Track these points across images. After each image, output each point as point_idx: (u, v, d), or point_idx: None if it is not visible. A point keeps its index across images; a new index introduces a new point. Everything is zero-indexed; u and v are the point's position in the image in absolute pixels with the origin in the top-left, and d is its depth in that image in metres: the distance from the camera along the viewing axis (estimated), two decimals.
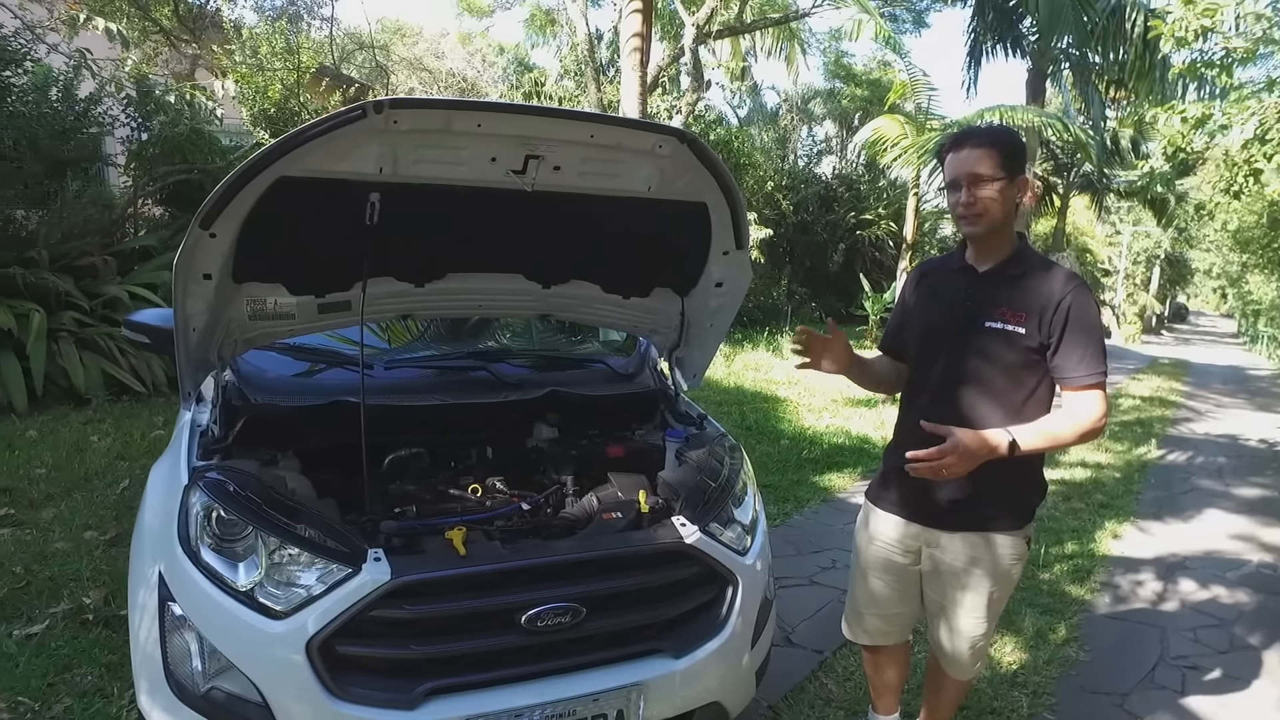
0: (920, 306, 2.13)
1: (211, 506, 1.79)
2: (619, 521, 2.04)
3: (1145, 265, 33.24)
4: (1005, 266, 1.96)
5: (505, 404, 2.47)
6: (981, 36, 12.45)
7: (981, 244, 1.98)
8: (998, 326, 1.92)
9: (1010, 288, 1.94)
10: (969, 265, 2.02)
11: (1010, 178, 1.89)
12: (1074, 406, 1.90)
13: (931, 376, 2.03)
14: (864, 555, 2.21)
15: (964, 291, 1.99)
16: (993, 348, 1.93)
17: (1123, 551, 4.70)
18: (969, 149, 1.88)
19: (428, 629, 1.73)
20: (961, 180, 1.89)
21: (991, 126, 2.01)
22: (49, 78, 6.93)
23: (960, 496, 1.96)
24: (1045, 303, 1.88)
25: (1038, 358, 1.91)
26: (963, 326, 1.97)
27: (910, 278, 2.26)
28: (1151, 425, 9.11)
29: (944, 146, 1.97)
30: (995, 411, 1.92)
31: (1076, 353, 1.87)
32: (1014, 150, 1.91)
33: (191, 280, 1.89)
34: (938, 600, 2.11)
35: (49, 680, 2.62)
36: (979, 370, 1.95)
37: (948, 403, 1.97)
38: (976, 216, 1.90)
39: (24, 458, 4.65)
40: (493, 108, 1.81)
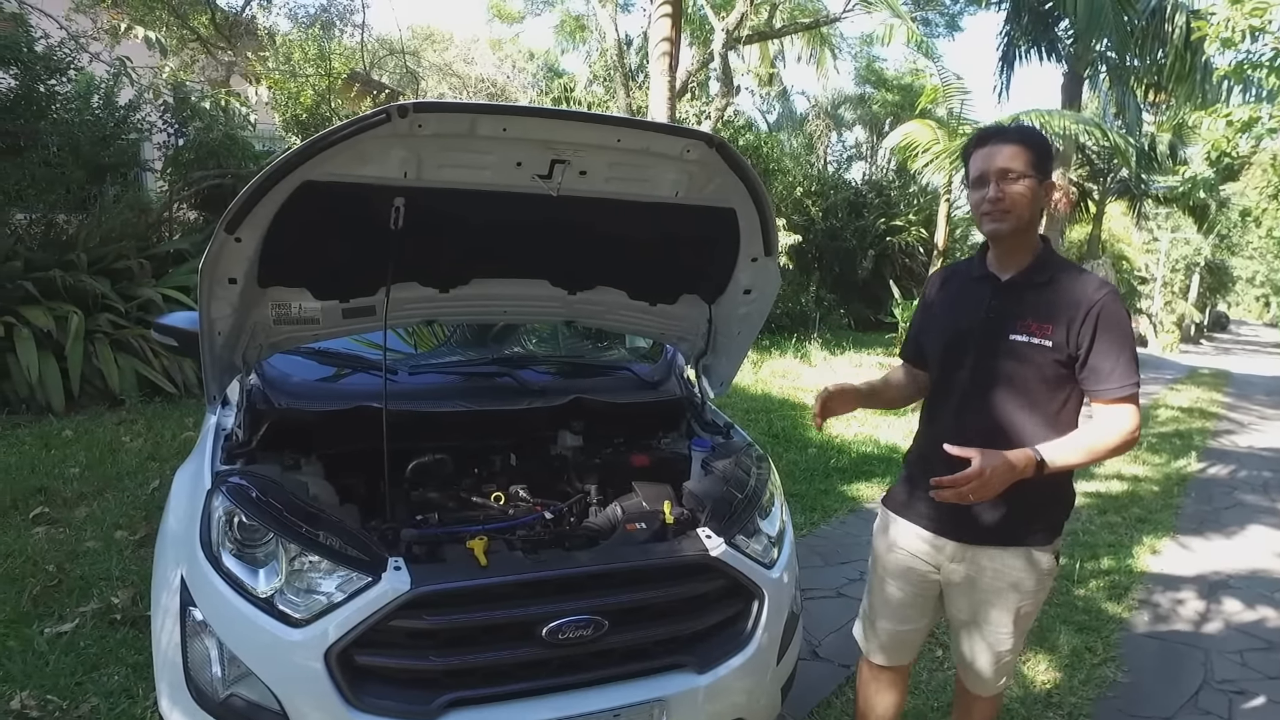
0: (941, 315, 2.04)
1: (233, 511, 1.78)
2: (643, 532, 2.00)
3: (1184, 273, 32.45)
4: (1029, 274, 1.87)
5: (529, 411, 2.45)
6: (1015, 40, 12.25)
7: (1005, 247, 1.89)
8: (1023, 339, 1.83)
9: (1035, 297, 1.85)
10: (990, 273, 1.93)
11: (1040, 179, 1.82)
12: (1105, 420, 1.81)
13: (955, 389, 1.95)
14: (883, 562, 2.12)
15: (986, 301, 1.90)
16: (1018, 361, 1.84)
17: (1162, 568, 4.55)
18: (999, 144, 1.81)
19: (447, 640, 1.71)
20: (990, 175, 1.80)
21: (1022, 125, 1.92)
22: (91, 85, 7.10)
23: (991, 511, 1.88)
24: (1073, 312, 1.79)
25: (1066, 370, 1.83)
26: (986, 338, 1.88)
27: (931, 284, 2.16)
28: (1191, 437, 8.86)
29: (970, 143, 1.90)
30: (1025, 424, 1.84)
31: (1107, 364, 1.78)
32: (1045, 151, 1.84)
33: (217, 284, 1.90)
34: (963, 616, 2.03)
35: (77, 679, 2.64)
36: (1006, 383, 1.86)
37: (973, 417, 1.89)
38: (1004, 213, 1.81)
39: (59, 457, 4.74)
40: (518, 111, 1.78)
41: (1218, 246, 30.08)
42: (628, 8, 16.25)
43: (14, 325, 5.65)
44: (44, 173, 6.50)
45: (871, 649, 2.18)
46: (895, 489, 2.14)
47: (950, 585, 2.01)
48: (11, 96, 6.20)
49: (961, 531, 1.94)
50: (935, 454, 1.94)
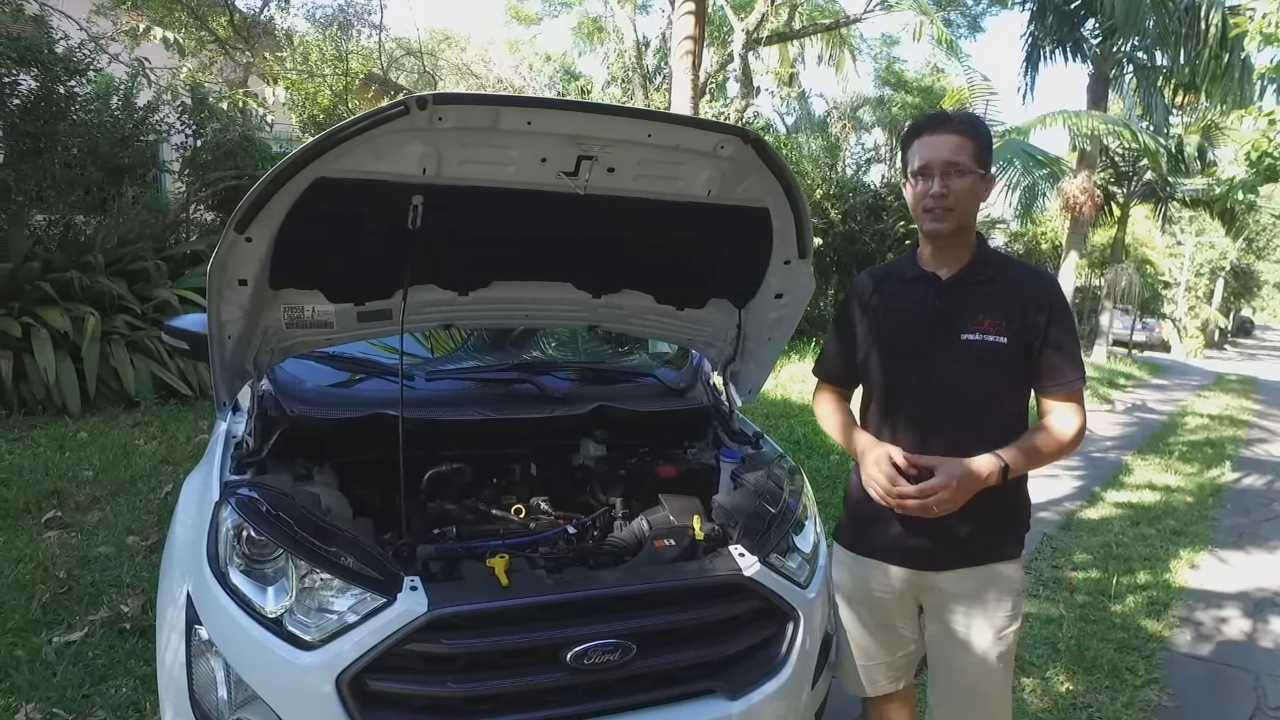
0: (878, 323, 1.85)
1: (242, 525, 1.70)
2: (671, 550, 1.89)
3: (1208, 277, 31.93)
4: (972, 270, 1.75)
5: (551, 419, 2.35)
6: (1040, 40, 12.05)
7: (945, 244, 1.76)
8: (976, 338, 1.70)
9: (984, 293, 1.73)
10: (929, 272, 1.79)
11: (982, 172, 1.70)
12: (1058, 418, 1.71)
13: (901, 402, 1.79)
14: (843, 598, 1.96)
15: (929, 303, 1.77)
16: (974, 363, 1.71)
17: (1202, 584, 4.38)
18: (944, 133, 1.68)
19: (466, 664, 1.61)
20: (935, 167, 1.67)
21: (966, 113, 1.79)
22: (110, 87, 7.10)
23: (951, 529, 1.72)
24: (1026, 306, 1.69)
25: (1020, 368, 1.72)
26: (935, 341, 1.74)
27: (858, 291, 1.93)
28: (1223, 446, 8.63)
29: (911, 130, 1.76)
30: (984, 432, 1.70)
31: (1058, 360, 1.69)
32: (989, 142, 1.73)
33: (226, 286, 1.81)
34: (939, 654, 1.86)
35: (84, 691, 2.57)
36: (960, 389, 1.72)
37: (928, 430, 1.74)
38: (947, 211, 1.68)
39: (74, 459, 4.69)
40: (544, 104, 1.69)
41: (1244, 251, 29.57)
42: (646, 9, 16.20)
43: (31, 326, 5.64)
44: (63, 174, 6.50)
45: (864, 686, 1.99)
46: (844, 525, 1.98)
47: (924, 619, 1.86)
48: (32, 98, 6.19)
49: (915, 557, 1.80)
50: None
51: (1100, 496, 6.10)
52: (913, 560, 1.81)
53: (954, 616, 1.81)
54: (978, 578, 1.78)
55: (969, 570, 1.78)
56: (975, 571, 1.78)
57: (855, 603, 1.94)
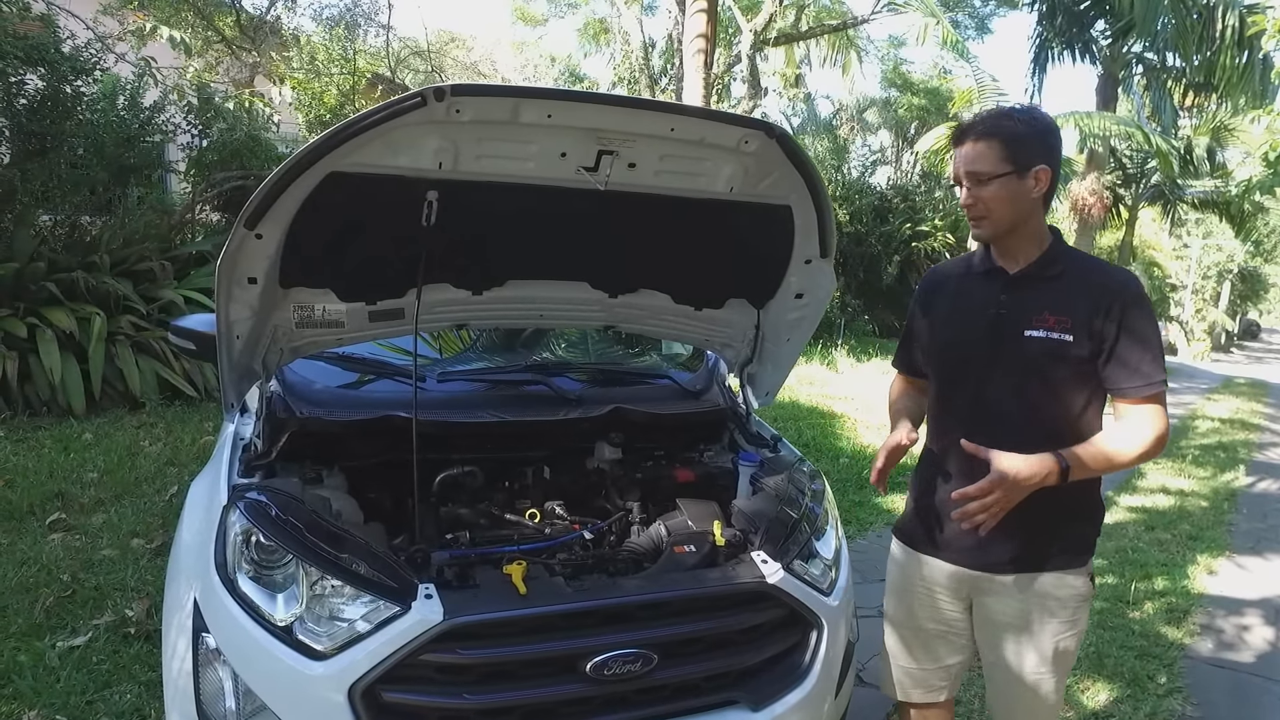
0: (941, 318, 1.85)
1: (251, 530, 1.65)
2: (692, 556, 1.84)
3: (1215, 280, 31.81)
4: (1041, 266, 1.70)
5: (566, 421, 2.29)
6: (1048, 41, 11.97)
7: (1002, 245, 1.73)
8: (1040, 335, 1.65)
9: (1051, 289, 1.68)
10: (997, 267, 1.75)
11: (1020, 170, 1.63)
12: (1132, 422, 1.64)
13: (962, 398, 1.76)
14: (897, 596, 1.93)
15: (995, 297, 1.72)
16: (1036, 360, 1.66)
17: (1221, 590, 4.31)
18: (965, 143, 1.66)
19: (483, 675, 1.56)
20: (961, 178, 1.67)
21: (998, 111, 1.72)
22: (117, 87, 7.07)
23: (1017, 534, 1.68)
24: (1097, 303, 1.62)
25: (1088, 368, 1.65)
26: (997, 338, 1.70)
27: (925, 285, 1.95)
28: (1235, 449, 8.54)
29: (951, 142, 1.76)
30: (1044, 433, 1.65)
31: (1133, 360, 1.61)
32: (1020, 138, 1.63)
33: (235, 284, 1.76)
34: (994, 657, 1.82)
35: (88, 698, 2.52)
36: (1022, 387, 1.68)
37: (987, 427, 1.69)
38: (980, 218, 1.67)
39: (78, 461, 4.65)
40: (565, 96, 1.64)
41: (1251, 253, 29.43)
42: (652, 9, 16.15)
43: (37, 326, 5.60)
44: (69, 174, 6.47)
45: (905, 689, 1.95)
46: (904, 519, 1.94)
47: (979, 622, 1.82)
48: (39, 98, 6.16)
49: (985, 560, 1.75)
50: (942, 474, 1.75)
51: (1113, 500, 6.03)
52: (973, 560, 1.76)
53: (1012, 622, 1.76)
54: (1040, 584, 1.73)
55: (1032, 575, 1.73)
56: (1038, 578, 1.73)
57: (904, 599, 1.90)
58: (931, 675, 1.91)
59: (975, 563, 1.76)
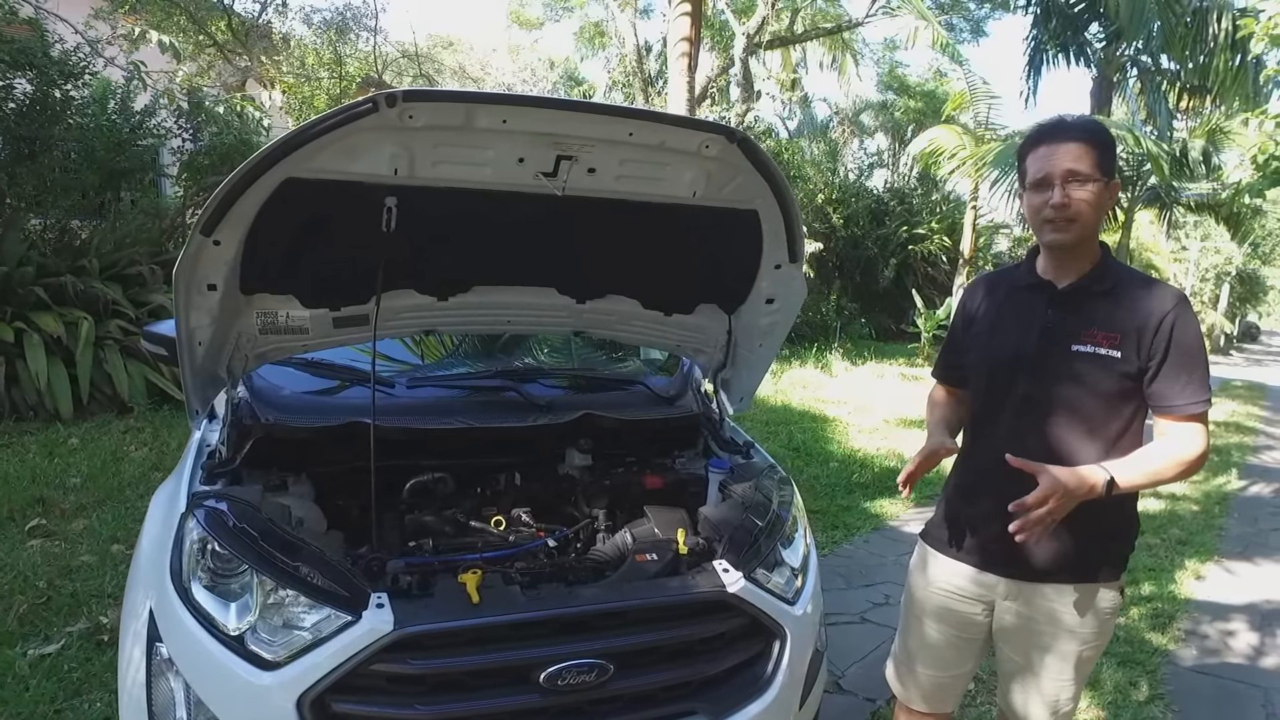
0: (987, 328, 1.83)
1: (207, 539, 1.63)
2: (653, 564, 1.82)
3: (1214, 282, 31.77)
4: (1090, 281, 1.69)
5: (534, 427, 2.28)
6: (1043, 44, 11.96)
7: (1064, 255, 1.70)
8: (1088, 350, 1.64)
9: (1100, 305, 1.66)
10: (1045, 280, 1.74)
11: (1106, 178, 1.63)
12: (1175, 439, 1.62)
13: (1005, 409, 1.75)
14: (920, 602, 1.93)
15: (1043, 311, 1.72)
16: (1083, 375, 1.65)
17: (1208, 595, 4.29)
18: (1063, 142, 1.61)
19: (434, 685, 1.54)
20: (1055, 178, 1.61)
21: (1085, 118, 1.72)
22: (108, 91, 7.07)
23: (1049, 542, 1.68)
24: (1144, 321, 1.61)
25: (1134, 384, 1.64)
26: (1044, 351, 1.69)
27: (969, 294, 1.94)
28: (1229, 453, 8.52)
29: (1029, 139, 1.69)
30: (1087, 448, 1.66)
31: (1181, 378, 1.60)
32: (1112, 147, 1.65)
33: (195, 291, 1.75)
34: (1017, 660, 1.83)
35: (57, 706, 2.51)
36: (1067, 401, 1.67)
37: (1030, 439, 1.69)
38: (1068, 222, 1.62)
39: (62, 466, 4.64)
40: (520, 101, 1.62)
41: (1249, 256, 29.39)
42: (647, 13, 16.17)
43: (24, 331, 5.59)
44: (59, 178, 6.47)
45: (910, 695, 1.97)
46: (933, 523, 1.94)
47: (1002, 629, 1.81)
48: (27, 102, 6.16)
49: (1016, 567, 1.74)
50: (981, 483, 1.74)
51: None
52: (1010, 568, 1.75)
53: (1042, 630, 1.76)
54: (1076, 595, 1.72)
55: (1069, 586, 1.72)
56: (1075, 588, 1.72)
57: (927, 599, 1.90)
58: (949, 679, 1.92)
59: (1013, 571, 1.75)
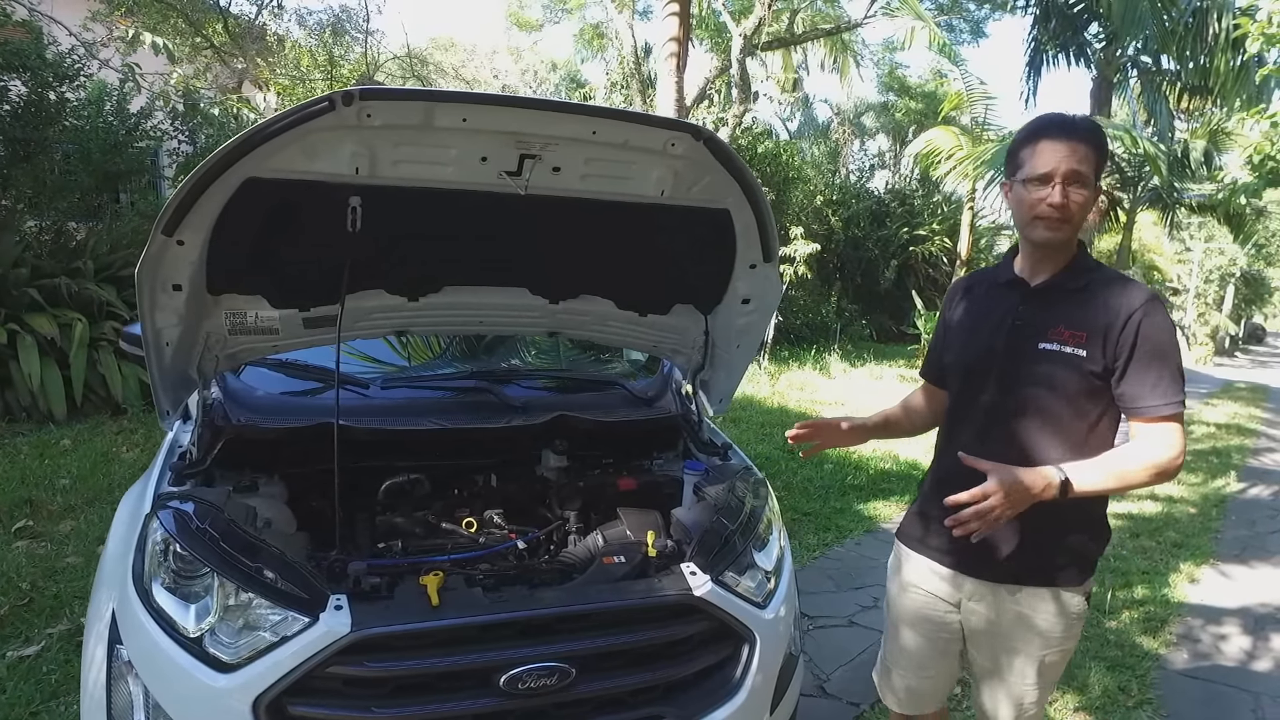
0: (963, 326, 1.84)
1: (169, 541, 1.62)
2: (620, 567, 1.80)
3: (1218, 284, 31.61)
4: (1063, 279, 1.68)
5: (508, 429, 2.26)
6: (1043, 44, 11.93)
7: (1044, 253, 1.69)
8: (1054, 348, 1.63)
9: (1069, 303, 1.65)
10: (1019, 278, 1.74)
11: (1098, 182, 1.64)
12: (1144, 442, 1.59)
13: (976, 408, 1.75)
14: (896, 605, 1.93)
15: (1014, 308, 1.71)
16: (1049, 373, 1.64)
17: (1201, 598, 4.25)
18: (1072, 141, 1.58)
19: (393, 688, 1.53)
20: (1058, 176, 1.58)
21: (1091, 120, 1.69)
22: (104, 93, 7.09)
23: (1015, 544, 1.68)
24: (1111, 319, 1.59)
25: (1101, 384, 1.62)
26: (1013, 348, 1.69)
27: (952, 293, 1.96)
28: (1229, 455, 8.47)
29: (1031, 131, 1.66)
30: (1052, 447, 1.64)
31: (1150, 378, 1.57)
32: (1105, 152, 1.65)
33: (159, 291, 1.75)
34: (984, 663, 1.82)
35: (33, 709, 2.50)
36: (1033, 399, 1.66)
37: (996, 438, 1.69)
38: (1062, 222, 1.61)
39: (53, 467, 4.65)
40: (479, 100, 1.61)
41: (1254, 257, 29.25)
42: (646, 15, 16.15)
43: (17, 333, 5.60)
44: (56, 180, 6.48)
45: (889, 700, 1.99)
46: (908, 521, 1.94)
47: (970, 629, 1.80)
48: (22, 104, 6.18)
49: (981, 567, 1.74)
50: (953, 481, 1.73)
51: None
52: (973, 568, 1.75)
53: (1004, 632, 1.75)
54: (1037, 599, 1.71)
55: (1029, 589, 1.71)
56: (1035, 592, 1.71)
57: (900, 601, 1.91)
58: (926, 683, 1.92)
59: (975, 570, 1.75)
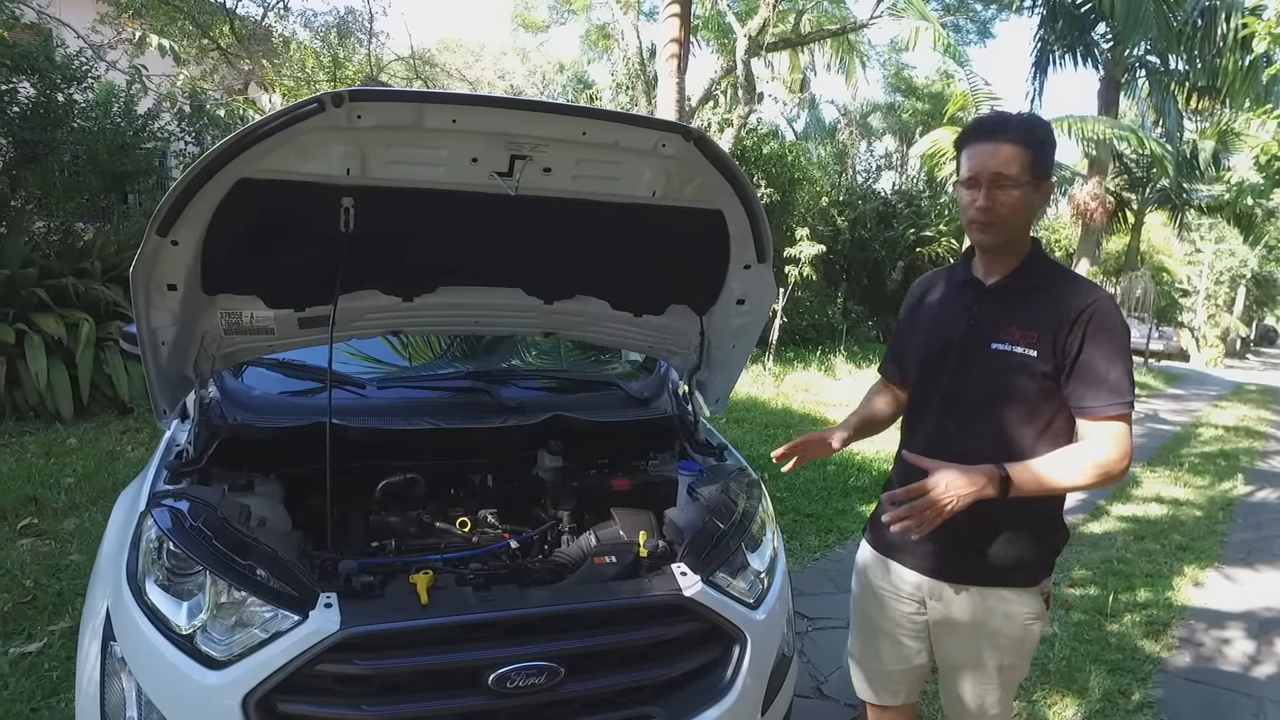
0: (922, 325, 1.84)
1: (163, 538, 1.63)
2: (611, 567, 1.81)
3: (1229, 285, 31.40)
4: (1016, 279, 1.68)
5: (503, 429, 2.27)
6: (1050, 44, 11.88)
7: (991, 254, 1.70)
8: (1005, 349, 1.63)
9: (1021, 303, 1.65)
10: (975, 277, 1.74)
11: (1037, 182, 1.61)
12: (1092, 441, 1.58)
13: (931, 406, 1.75)
14: (860, 601, 1.94)
15: (970, 308, 1.71)
16: (1001, 373, 1.63)
17: (1205, 602, 4.23)
18: (997, 142, 1.58)
19: (382, 686, 1.53)
20: (982, 180, 1.59)
21: (1027, 117, 1.68)
22: (111, 95, 7.14)
23: (961, 543, 1.67)
24: (1061, 319, 1.58)
25: (1053, 384, 1.61)
26: (966, 348, 1.69)
27: (914, 291, 1.95)
28: (1237, 457, 8.41)
29: (963, 133, 1.67)
30: (1005, 447, 1.62)
31: (1096, 377, 1.56)
32: (1048, 151, 1.62)
33: (154, 291, 1.76)
34: (944, 660, 1.83)
35: (33, 705, 2.52)
36: (986, 399, 1.66)
37: (948, 438, 1.69)
38: (989, 225, 1.61)
39: (58, 466, 4.68)
40: (469, 100, 1.62)
41: (1265, 258, 29.04)
42: (652, 15, 16.15)
43: (25, 332, 5.65)
44: (63, 181, 6.53)
45: (863, 690, 1.98)
46: (872, 519, 1.93)
47: (931, 625, 1.81)
48: (30, 105, 6.23)
49: (938, 568, 1.74)
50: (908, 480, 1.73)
51: (1104, 510, 5.94)
52: (928, 567, 1.76)
53: (961, 633, 1.75)
54: (990, 599, 1.71)
55: (981, 590, 1.71)
56: (988, 592, 1.71)
57: (866, 600, 1.91)
58: (891, 677, 1.92)
59: (930, 570, 1.75)
